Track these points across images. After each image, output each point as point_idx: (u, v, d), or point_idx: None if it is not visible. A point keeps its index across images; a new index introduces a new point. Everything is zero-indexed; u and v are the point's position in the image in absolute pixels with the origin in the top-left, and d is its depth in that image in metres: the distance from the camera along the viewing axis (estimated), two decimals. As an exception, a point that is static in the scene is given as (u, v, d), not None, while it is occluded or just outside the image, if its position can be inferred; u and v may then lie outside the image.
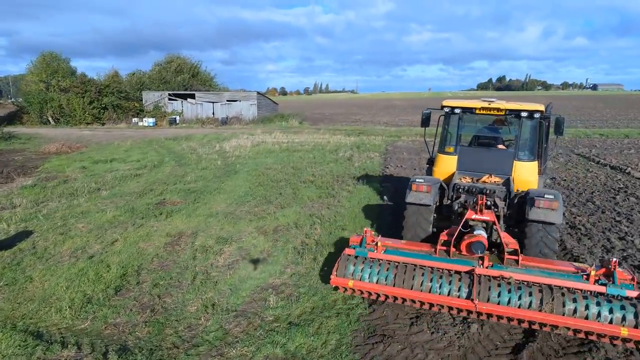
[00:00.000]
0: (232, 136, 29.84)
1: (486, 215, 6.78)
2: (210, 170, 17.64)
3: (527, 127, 8.16)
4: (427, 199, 7.39)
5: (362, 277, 6.44)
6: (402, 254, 6.65)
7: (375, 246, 6.75)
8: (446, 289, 6.03)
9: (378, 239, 6.84)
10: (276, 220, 10.77)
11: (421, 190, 7.44)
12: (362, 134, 30.98)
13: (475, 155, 8.43)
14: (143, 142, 27.14)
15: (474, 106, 8.15)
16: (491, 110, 8.05)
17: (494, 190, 7.59)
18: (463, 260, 6.45)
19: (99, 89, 39.10)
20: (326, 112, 71.74)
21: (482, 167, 8.25)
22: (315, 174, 16.72)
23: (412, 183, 7.55)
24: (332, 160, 20.06)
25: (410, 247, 6.95)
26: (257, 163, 19.21)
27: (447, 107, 8.40)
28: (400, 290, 6.17)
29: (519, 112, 7.85)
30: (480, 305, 5.73)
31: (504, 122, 8.59)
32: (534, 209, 6.86)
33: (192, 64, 54.30)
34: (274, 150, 23.28)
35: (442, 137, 8.82)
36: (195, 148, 24.16)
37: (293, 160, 19.85)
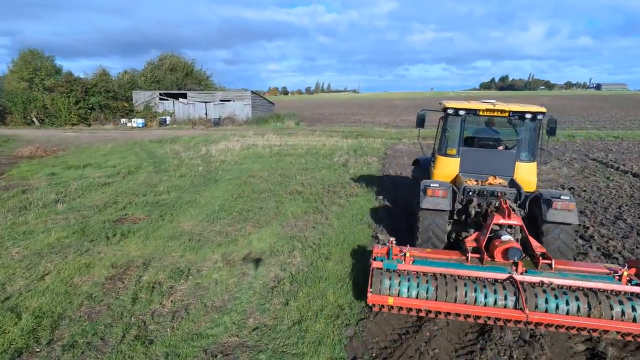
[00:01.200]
0: (222, 138, 28.07)
1: (514, 219, 6.51)
2: (189, 178, 15.89)
3: (528, 128, 8.18)
4: (443, 204, 7.20)
5: (400, 292, 5.92)
6: (432, 264, 6.24)
7: (403, 257, 6.28)
8: (492, 299, 5.67)
9: (406, 250, 6.34)
10: (249, 244, 9.00)
11: (437, 195, 7.23)
12: (361, 136, 29.19)
13: (478, 157, 8.34)
14: (125, 145, 25.40)
15: (478, 108, 8.05)
16: (495, 112, 7.99)
17: (504, 192, 7.50)
18: (497, 267, 6.14)
19: (86, 88, 37.31)
20: (325, 112, 69.91)
21: (485, 169, 8.21)
22: (304, 182, 14.96)
23: (427, 188, 7.30)
24: (326, 166, 18.28)
25: (439, 256, 6.52)
26: (242, 169, 17.45)
27: (450, 108, 8.21)
28: (446, 305, 5.74)
29: (523, 113, 7.84)
30: (532, 315, 5.49)
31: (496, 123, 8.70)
32: (552, 210, 6.89)
33: (186, 62, 52.53)
34: (263, 154, 21.51)
35: (442, 139, 8.66)
36: (179, 152, 22.41)
37: (282, 167, 18.08)
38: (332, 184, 14.73)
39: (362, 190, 13.81)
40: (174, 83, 48.75)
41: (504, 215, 6.55)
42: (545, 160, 20.02)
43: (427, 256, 6.49)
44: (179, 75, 50.71)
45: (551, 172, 17.20)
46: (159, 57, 54.37)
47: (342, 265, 7.82)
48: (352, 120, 49.99)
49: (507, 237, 6.38)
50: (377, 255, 6.45)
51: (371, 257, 6.47)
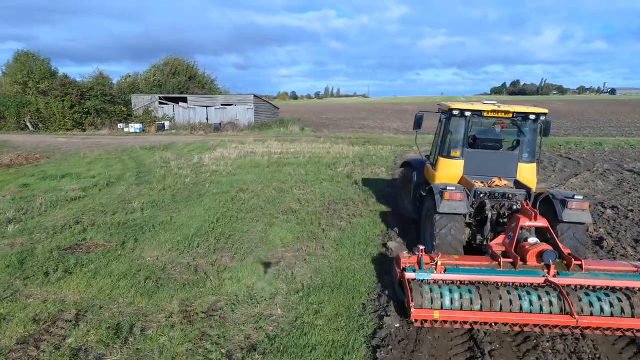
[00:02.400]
0: (219, 145, 26.23)
1: (539, 220, 6.43)
2: (171, 192, 14.00)
3: (530, 129, 8.29)
4: (461, 207, 7.08)
5: (443, 305, 5.59)
6: (465, 271, 6.01)
7: (434, 266, 5.94)
8: (537, 306, 5.53)
9: (438, 258, 5.99)
10: (220, 286, 7.05)
11: (454, 198, 7.06)
12: (368, 143, 27.19)
13: (482, 159, 8.33)
14: (114, 152, 23.64)
15: (484, 109, 8.05)
16: (499, 113, 8.03)
17: (515, 194, 7.50)
18: (530, 270, 6.02)
19: (81, 92, 35.74)
20: (333, 117, 67.99)
21: (488, 170, 8.24)
22: (301, 198, 13.01)
23: (444, 192, 7.11)
24: (328, 177, 16.30)
25: (469, 262, 6.28)
26: (234, 181, 15.53)
27: (456, 109, 8.13)
28: (496, 315, 5.51)
29: (527, 114, 7.95)
30: (581, 319, 5.35)
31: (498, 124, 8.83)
32: (567, 210, 6.94)
33: (189, 65, 50.92)
34: (260, 163, 19.58)
35: (444, 140, 8.58)
36: (169, 160, 20.57)
37: (279, 178, 16.14)
38: (334, 200, 12.76)
39: (368, 209, 11.82)
40: (176, 87, 47.16)
41: (530, 217, 6.43)
42: (575, 171, 17.88)
43: (458, 263, 6.19)
44: (181, 79, 49.13)
45: (584, 186, 15.06)
46: (163, 60, 52.97)
47: (337, 324, 5.83)
48: (360, 126, 48.03)
49: (534, 239, 6.31)
50: (407, 265, 6.07)
51: (397, 267, 6.19)
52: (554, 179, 16.53)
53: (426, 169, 9.66)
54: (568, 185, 15.13)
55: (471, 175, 8.23)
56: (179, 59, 52.59)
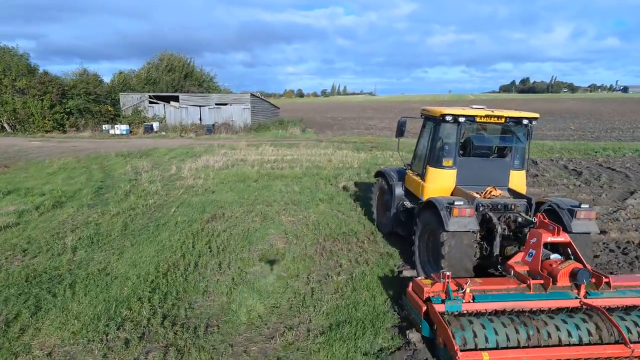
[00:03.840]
0: (206, 151, 23.21)
1: (562, 236, 5.91)
2: (126, 218, 11.01)
3: (522, 134, 7.91)
4: (472, 224, 6.48)
5: (489, 343, 4.80)
6: (495, 298, 5.38)
7: (462, 294, 5.24)
8: (585, 335, 4.97)
9: (466, 284, 5.31)
10: None
11: (464, 214, 6.45)
12: (376, 148, 24.06)
13: (474, 167, 7.90)
14: (84, 160, 20.67)
15: (476, 114, 7.59)
16: (492, 118, 7.65)
17: (516, 205, 7.17)
18: (561, 292, 5.51)
19: (63, 90, 32.82)
20: (338, 117, 64.84)
21: (481, 180, 7.85)
22: (290, 231, 9.99)
23: (452, 207, 6.44)
24: (327, 197, 13.24)
25: (496, 287, 5.63)
26: (209, 203, 12.51)
27: (449, 115, 7.53)
28: (549, 351, 4.80)
29: (520, 119, 7.67)
30: (638, 348, 4.78)
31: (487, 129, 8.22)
32: (575, 220, 6.65)
33: (184, 61, 47.88)
34: (248, 175, 16.53)
35: (433, 149, 7.98)
36: (142, 171, 17.58)
37: (266, 198, 13.10)
38: (332, 235, 9.72)
39: (376, 250, 8.78)
40: (170, 84, 44.19)
41: (552, 233, 5.88)
42: (629, 188, 14.70)
43: (484, 288, 5.55)
44: (176, 76, 46.14)
45: (650, 211, 11.88)
46: (159, 56, 50.02)
47: None
48: (367, 126, 44.87)
49: (557, 256, 5.93)
50: (431, 295, 5.30)
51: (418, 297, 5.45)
52: (605, 199, 13.36)
53: (409, 180, 8.93)
54: (629, 209, 11.96)
55: (464, 185, 7.79)
56: (174, 54, 49.57)
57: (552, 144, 25.01)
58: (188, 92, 41.46)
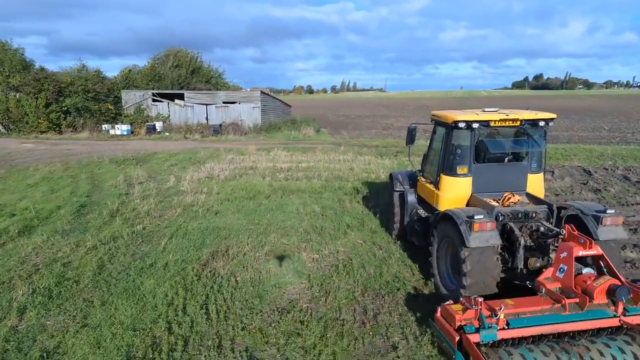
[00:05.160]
0: (211, 156, 20.74)
1: (594, 248, 5.54)
2: (103, 254, 8.59)
3: (539, 136, 7.52)
4: (494, 238, 6.12)
5: None
6: (530, 321, 5.02)
7: (496, 320, 4.86)
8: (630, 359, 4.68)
9: (500, 310, 4.88)
10: None
11: (485, 228, 6.07)
12: (401, 154, 21.43)
13: (491, 173, 7.51)
14: (74, 167, 18.32)
15: (490, 119, 7.17)
16: (507, 122, 7.23)
17: (537, 212, 6.71)
18: (597, 311, 5.14)
19: (60, 88, 30.58)
20: (351, 114, 62.16)
21: (498, 185, 7.46)
22: (315, 277, 7.52)
23: (473, 222, 6.02)
24: (356, 221, 10.74)
25: (528, 308, 5.22)
26: (211, 230, 10.05)
27: (461, 121, 7.06)
28: None
29: (536, 121, 7.28)
30: None
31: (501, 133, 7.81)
32: (602, 227, 6.22)
33: (191, 56, 45.40)
34: (259, 189, 14.03)
35: (447, 156, 7.55)
36: (135, 182, 15.17)
37: (282, 222, 10.63)
38: (373, 285, 7.27)
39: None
40: (176, 81, 41.77)
41: (584, 246, 5.49)
42: None
43: (517, 311, 5.16)
44: (182, 72, 43.69)
45: None
46: (164, 52, 47.63)
47: None
48: (384, 126, 42.18)
49: (588, 270, 5.54)
50: (464, 323, 4.92)
51: (449, 325, 5.05)
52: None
53: (421, 187, 8.61)
54: None
55: (481, 192, 7.37)
56: (181, 50, 47.10)
57: (600, 149, 22.22)
58: (195, 90, 39.05)
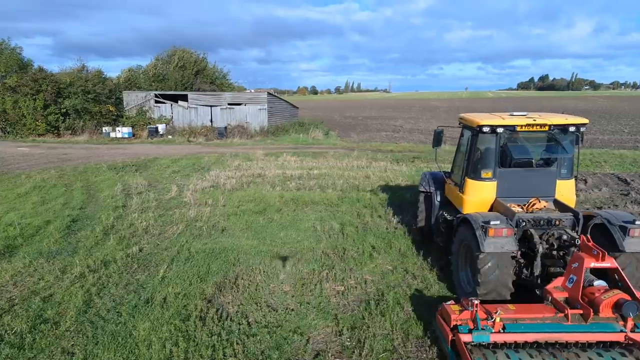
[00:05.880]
0: (216, 162, 19.47)
1: (608, 261, 5.34)
2: (91, 286, 7.33)
3: (569, 142, 7.27)
4: (510, 245, 6.08)
5: None
6: (528, 328, 5.01)
7: (492, 323, 4.94)
8: None
9: (496, 313, 4.99)
10: None
11: (500, 234, 6.06)
12: (419, 159, 20.11)
13: (516, 178, 7.31)
14: (70, 174, 17.08)
15: (516, 123, 7.02)
16: (534, 127, 7.03)
17: (561, 219, 6.51)
18: (603, 324, 5.01)
19: (58, 89, 29.39)
20: (358, 116, 60.85)
21: (524, 191, 7.29)
22: (344, 319, 6.26)
23: (488, 227, 6.05)
24: (382, 241, 9.44)
25: (530, 315, 5.21)
26: (216, 253, 8.78)
27: (486, 125, 6.99)
28: None
29: (566, 126, 7.06)
30: None
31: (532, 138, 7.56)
32: (629, 239, 5.97)
33: (197, 57, 44.20)
34: (269, 201, 12.74)
35: (471, 160, 7.48)
36: (134, 192, 13.92)
37: (296, 243, 9.34)
38: (413, 330, 5.91)
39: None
40: (180, 82, 40.59)
41: (596, 258, 5.32)
42: None
43: (517, 317, 5.18)
44: (187, 73, 42.51)
45: None
46: (168, 52, 46.48)
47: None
48: (393, 128, 40.83)
49: (601, 283, 5.31)
50: (459, 323, 5.05)
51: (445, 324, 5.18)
52: None
53: (448, 189, 8.48)
54: None
55: (505, 197, 7.24)
56: (186, 50, 45.94)
57: (632, 155, 20.80)
58: (199, 91, 37.84)
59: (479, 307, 5.03)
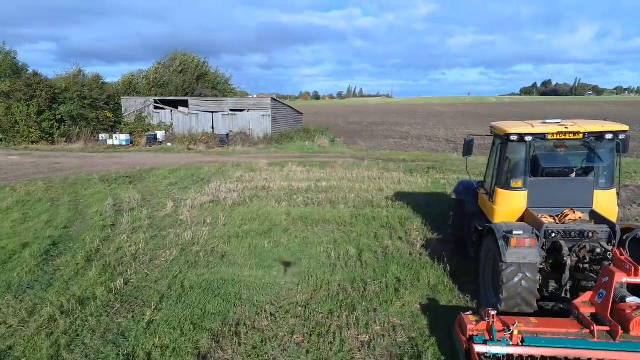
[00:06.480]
0: (217, 173, 18.17)
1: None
2: (59, 336, 6.03)
3: (607, 150, 6.97)
4: (533, 256, 5.85)
5: None
6: (548, 342, 4.76)
7: (509, 335, 4.74)
8: None
9: (514, 325, 4.78)
10: None
11: (523, 245, 5.88)
12: (434, 169, 18.76)
13: (549, 188, 7.01)
14: (58, 187, 15.82)
15: (547, 131, 6.74)
16: (566, 134, 6.73)
17: (596, 231, 6.19)
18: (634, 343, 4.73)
19: (53, 94, 28.23)
20: (363, 121, 59.60)
21: (557, 201, 6.98)
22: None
23: (510, 237, 5.92)
24: (408, 271, 8.12)
25: (552, 329, 4.99)
26: (214, 288, 7.49)
27: (514, 134, 6.79)
28: None
29: (602, 133, 6.69)
30: None
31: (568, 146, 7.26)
32: None
33: (198, 61, 43.04)
34: (274, 219, 11.44)
35: (501, 169, 7.28)
36: (126, 208, 12.63)
37: (306, 274, 8.03)
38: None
39: None
40: (180, 87, 39.39)
41: (628, 272, 4.94)
42: None
43: (538, 330, 4.97)
44: (188, 78, 41.33)
45: None
46: (169, 56, 45.37)
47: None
48: (401, 135, 39.51)
49: (634, 299, 5.04)
50: (475, 333, 4.91)
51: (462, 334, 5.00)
52: None
53: (481, 198, 8.24)
54: None
55: (537, 207, 6.92)
56: (187, 54, 44.82)
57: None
58: (200, 96, 36.65)
59: (495, 318, 4.88)
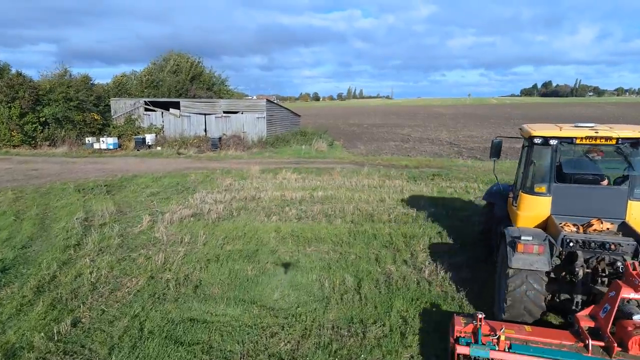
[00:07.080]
0: (204, 181, 16.79)
1: None
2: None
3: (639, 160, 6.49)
4: (540, 263, 5.62)
5: None
6: (537, 351, 4.62)
7: (496, 340, 4.65)
8: None
9: (501, 331, 4.67)
10: None
11: (531, 251, 5.66)
12: (439, 177, 17.39)
13: (576, 195, 6.60)
14: (27, 198, 14.43)
15: (576, 135, 6.41)
16: (598, 140, 6.31)
17: (620, 244, 5.69)
18: None
19: (37, 96, 26.91)
20: (363, 124, 58.25)
21: (585, 209, 6.51)
22: None
23: (516, 242, 5.76)
24: (417, 309, 6.78)
25: (544, 339, 4.83)
26: (182, 331, 6.12)
27: (538, 137, 6.57)
28: None
29: (638, 139, 6.19)
30: None
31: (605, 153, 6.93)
32: None
33: (193, 61, 41.66)
34: (262, 238, 10.07)
35: (526, 173, 7.07)
36: (96, 223, 11.25)
37: (295, 310, 6.68)
38: None
39: None
40: (173, 88, 38.02)
41: (635, 288, 4.68)
42: None
43: (528, 338, 4.84)
44: (181, 78, 39.95)
45: None
46: (163, 56, 44.03)
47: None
48: (402, 138, 38.16)
49: None
50: (461, 335, 4.89)
51: (451, 336, 4.97)
52: None
53: (509, 202, 7.89)
54: None
55: (562, 215, 6.55)
56: (181, 54, 43.46)
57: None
58: (194, 97, 35.29)
59: (483, 321, 4.81)
